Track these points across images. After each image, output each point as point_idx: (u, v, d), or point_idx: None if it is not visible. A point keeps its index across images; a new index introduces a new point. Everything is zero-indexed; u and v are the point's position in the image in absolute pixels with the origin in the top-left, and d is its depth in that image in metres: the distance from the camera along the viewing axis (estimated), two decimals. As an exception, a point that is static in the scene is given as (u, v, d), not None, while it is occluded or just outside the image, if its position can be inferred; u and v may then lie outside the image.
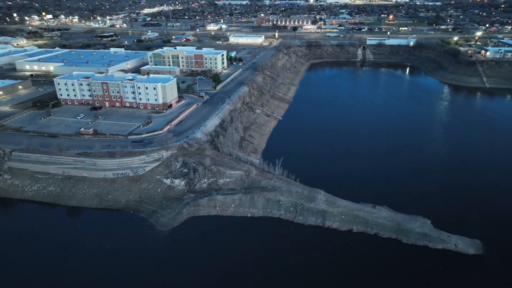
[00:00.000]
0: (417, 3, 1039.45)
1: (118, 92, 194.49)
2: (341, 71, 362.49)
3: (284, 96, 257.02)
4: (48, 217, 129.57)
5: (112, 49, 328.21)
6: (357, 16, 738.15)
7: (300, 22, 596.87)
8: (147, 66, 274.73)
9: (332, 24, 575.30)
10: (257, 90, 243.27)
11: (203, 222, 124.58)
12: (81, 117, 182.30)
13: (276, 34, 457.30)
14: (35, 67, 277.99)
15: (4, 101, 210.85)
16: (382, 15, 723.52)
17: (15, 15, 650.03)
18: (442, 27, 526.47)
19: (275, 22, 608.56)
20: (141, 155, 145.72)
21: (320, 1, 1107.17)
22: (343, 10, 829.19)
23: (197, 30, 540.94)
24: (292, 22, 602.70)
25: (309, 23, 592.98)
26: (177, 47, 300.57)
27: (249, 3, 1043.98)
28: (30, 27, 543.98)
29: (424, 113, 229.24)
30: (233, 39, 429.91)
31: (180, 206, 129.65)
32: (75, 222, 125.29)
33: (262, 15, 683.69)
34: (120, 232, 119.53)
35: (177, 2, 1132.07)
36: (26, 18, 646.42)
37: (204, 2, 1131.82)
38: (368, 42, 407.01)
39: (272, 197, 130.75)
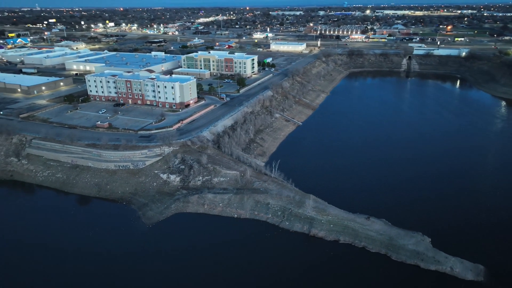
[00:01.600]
0: (485, 14, 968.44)
1: (140, 90, 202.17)
2: (381, 81, 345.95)
3: (311, 103, 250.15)
4: (48, 202, 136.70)
5: (153, 53, 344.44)
6: (413, 26, 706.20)
7: (349, 32, 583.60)
8: (180, 69, 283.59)
9: (382, 34, 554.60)
10: (281, 95, 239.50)
11: (188, 219, 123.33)
12: (102, 112, 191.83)
13: (319, 43, 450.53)
14: (81, 67, 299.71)
15: (44, 95, 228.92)
16: (441, 26, 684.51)
17: (82, 23, 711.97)
18: (506, 38, 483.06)
19: (323, 32, 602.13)
20: (143, 149, 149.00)
21: (376, 12, 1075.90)
22: (399, 21, 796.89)
23: (244, 38, 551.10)
24: (340, 32, 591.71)
25: (358, 32, 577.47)
26: (211, 51, 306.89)
27: (302, 13, 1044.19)
28: (92, 33, 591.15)
29: (466, 129, 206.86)
30: (274, 47, 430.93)
31: (170, 201, 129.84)
32: (69, 209, 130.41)
33: (311, 24, 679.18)
34: (106, 222, 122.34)
35: (231, 13, 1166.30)
36: (92, 26, 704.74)
37: (258, 12, 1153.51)
38: (415, 52, 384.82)
39: (262, 199, 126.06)
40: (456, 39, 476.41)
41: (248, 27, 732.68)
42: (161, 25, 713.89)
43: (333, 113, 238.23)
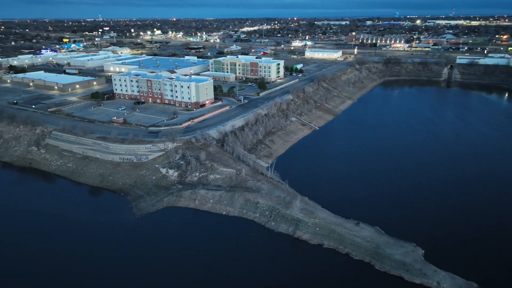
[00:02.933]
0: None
1: (159, 90, 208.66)
2: (417, 91, 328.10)
3: (333, 109, 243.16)
4: (54, 188, 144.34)
5: (187, 57, 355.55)
6: (465, 36, 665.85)
7: (392, 41, 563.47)
8: (207, 72, 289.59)
9: (428, 43, 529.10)
10: (302, 99, 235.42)
11: (177, 212, 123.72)
12: (122, 108, 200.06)
13: (355, 51, 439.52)
14: (117, 69, 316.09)
15: (77, 93, 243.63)
16: (497, 36, 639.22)
17: (132, 30, 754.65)
18: None
19: (365, 41, 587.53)
20: (147, 144, 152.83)
21: (428, 22, 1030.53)
22: (450, 31, 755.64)
23: (282, 46, 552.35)
24: (383, 41, 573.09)
25: (401, 41, 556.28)
26: (239, 56, 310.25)
27: (348, 23, 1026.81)
28: (139, 40, 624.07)
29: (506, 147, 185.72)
30: (308, 54, 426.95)
31: (164, 194, 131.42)
32: (71, 196, 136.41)
33: (354, 33, 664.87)
34: (99, 210, 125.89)
35: (276, 22, 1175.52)
36: (141, 33, 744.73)
37: (304, 22, 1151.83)
38: (458, 61, 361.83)
39: (252, 198, 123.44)
40: (509, 48, 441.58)
41: (289, 36, 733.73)
42: (204, 33, 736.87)
43: (355, 120, 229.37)
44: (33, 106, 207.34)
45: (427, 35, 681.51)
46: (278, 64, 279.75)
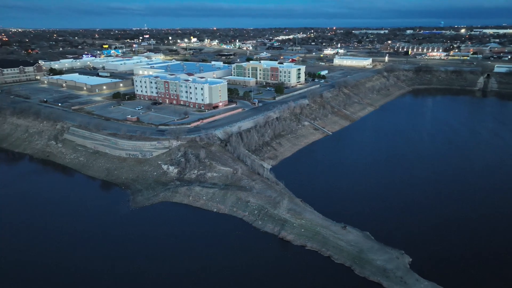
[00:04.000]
0: None
1: (175, 91, 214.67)
2: (447, 100, 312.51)
3: (351, 115, 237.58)
4: (64, 180, 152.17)
5: (213, 62, 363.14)
6: None
7: (430, 50, 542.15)
8: (229, 76, 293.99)
9: (468, 52, 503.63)
10: (318, 104, 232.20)
11: (170, 207, 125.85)
12: (139, 108, 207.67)
13: (386, 58, 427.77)
14: (145, 72, 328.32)
15: (103, 93, 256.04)
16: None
17: (170, 38, 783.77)
18: None
19: (400, 49, 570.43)
20: (153, 141, 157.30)
21: (474, 31, 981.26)
22: (497, 40, 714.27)
23: (313, 53, 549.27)
24: (420, 50, 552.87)
25: (440, 50, 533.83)
26: (262, 61, 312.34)
27: (387, 32, 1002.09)
28: (174, 47, 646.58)
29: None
30: (337, 61, 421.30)
31: (161, 190, 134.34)
32: (76, 187, 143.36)
33: (389, 42, 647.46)
34: (98, 201, 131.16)
35: (312, 31, 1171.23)
36: (178, 41, 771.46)
37: (341, 31, 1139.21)
38: (496, 70, 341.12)
39: (244, 197, 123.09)
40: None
41: (323, 44, 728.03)
42: (237, 41, 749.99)
43: (372, 127, 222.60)
44: (60, 104, 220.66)
45: (470, 44, 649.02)
46: (299, 69, 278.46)
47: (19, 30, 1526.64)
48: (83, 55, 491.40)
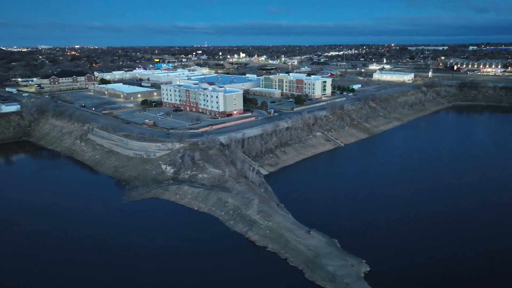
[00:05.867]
0: None
1: (195, 99, 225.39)
2: (491, 118, 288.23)
3: (372, 128, 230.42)
4: (76, 174, 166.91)
5: (248, 75, 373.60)
6: None
7: (486, 66, 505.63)
8: (257, 88, 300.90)
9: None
10: (337, 116, 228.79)
11: (157, 203, 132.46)
12: (160, 114, 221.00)
13: (430, 74, 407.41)
14: (182, 82, 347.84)
15: (136, 101, 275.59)
16: None
17: (220, 53, 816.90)
18: None
19: (454, 66, 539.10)
20: (158, 143, 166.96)
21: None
22: None
23: (357, 68, 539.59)
24: (476, 66, 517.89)
25: (498, 66, 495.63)
26: (290, 74, 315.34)
27: (446, 48, 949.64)
28: (222, 62, 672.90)
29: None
30: (377, 76, 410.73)
31: (154, 187, 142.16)
32: (84, 180, 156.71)
33: (443, 58, 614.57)
34: (97, 194, 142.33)
35: (365, 48, 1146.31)
36: (229, 56, 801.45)
37: (397, 48, 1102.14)
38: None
39: (224, 197, 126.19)
40: None
41: (373, 60, 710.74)
42: (283, 56, 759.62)
43: (390, 142, 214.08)
44: (93, 109, 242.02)
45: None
46: (324, 82, 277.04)
47: (95, 47, 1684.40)
48: (136, 68, 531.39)
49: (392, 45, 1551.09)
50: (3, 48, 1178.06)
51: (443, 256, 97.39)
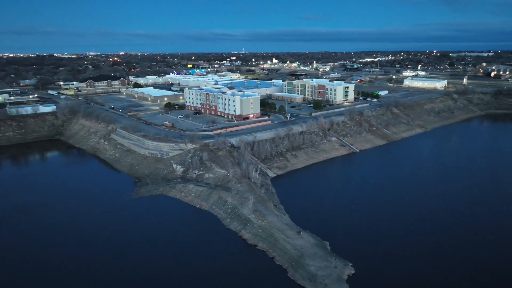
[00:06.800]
0: None
1: (214, 102, 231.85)
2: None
3: (391, 135, 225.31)
4: (96, 170, 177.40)
5: (274, 80, 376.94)
6: None
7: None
8: (279, 93, 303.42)
9: None
10: (355, 122, 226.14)
11: (163, 200, 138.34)
12: (180, 116, 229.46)
13: (464, 81, 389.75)
14: (208, 87, 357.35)
15: (162, 104, 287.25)
16: None
17: (253, 59, 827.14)
18: None
19: (501, 72, 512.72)
20: (172, 143, 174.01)
21: None
22: None
23: (390, 75, 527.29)
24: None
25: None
26: (314, 79, 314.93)
27: (491, 55, 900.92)
28: (253, 68, 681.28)
29: None
30: (407, 82, 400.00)
31: (163, 185, 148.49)
32: (100, 175, 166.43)
33: (484, 64, 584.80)
34: (109, 189, 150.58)
35: (402, 54, 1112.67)
36: (261, 62, 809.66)
37: (438, 54, 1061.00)
38: None
39: (224, 196, 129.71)
40: None
41: (409, 66, 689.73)
42: (315, 62, 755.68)
43: (408, 148, 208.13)
44: (120, 110, 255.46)
45: None
46: (346, 87, 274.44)
47: (138, 53, 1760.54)
48: (170, 73, 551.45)
49: (434, 51, 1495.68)
50: (55, 55, 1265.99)
51: (438, 270, 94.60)
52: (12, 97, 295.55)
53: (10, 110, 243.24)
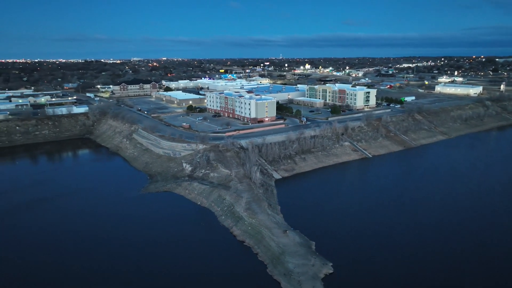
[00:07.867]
0: None
1: (232, 106, 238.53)
2: None
3: (409, 141, 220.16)
4: (115, 166, 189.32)
5: (298, 85, 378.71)
6: None
7: None
8: (301, 98, 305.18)
9: None
10: (372, 127, 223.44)
11: (168, 196, 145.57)
12: (199, 119, 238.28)
13: (502, 87, 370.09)
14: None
15: (186, 107, 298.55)
16: None
17: (286, 65, 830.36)
18: None
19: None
20: (184, 143, 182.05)
21: None
22: None
23: (425, 81, 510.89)
24: None
25: None
26: (337, 84, 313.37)
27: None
28: (284, 73, 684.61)
29: None
30: (439, 89, 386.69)
31: (171, 182, 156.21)
32: (116, 171, 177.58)
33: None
34: (121, 185, 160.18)
35: (443, 59, 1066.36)
36: (295, 67, 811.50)
37: (483, 59, 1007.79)
38: None
39: (223, 194, 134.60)
40: None
41: (448, 72, 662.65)
42: (347, 68, 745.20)
43: (425, 156, 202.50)
44: (146, 112, 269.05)
45: None
46: (367, 92, 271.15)
47: (178, 59, 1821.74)
48: (202, 78, 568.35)
49: (482, 56, 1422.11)
50: (102, 60, 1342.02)
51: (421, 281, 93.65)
52: (53, 99, 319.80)
53: (48, 111, 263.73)
